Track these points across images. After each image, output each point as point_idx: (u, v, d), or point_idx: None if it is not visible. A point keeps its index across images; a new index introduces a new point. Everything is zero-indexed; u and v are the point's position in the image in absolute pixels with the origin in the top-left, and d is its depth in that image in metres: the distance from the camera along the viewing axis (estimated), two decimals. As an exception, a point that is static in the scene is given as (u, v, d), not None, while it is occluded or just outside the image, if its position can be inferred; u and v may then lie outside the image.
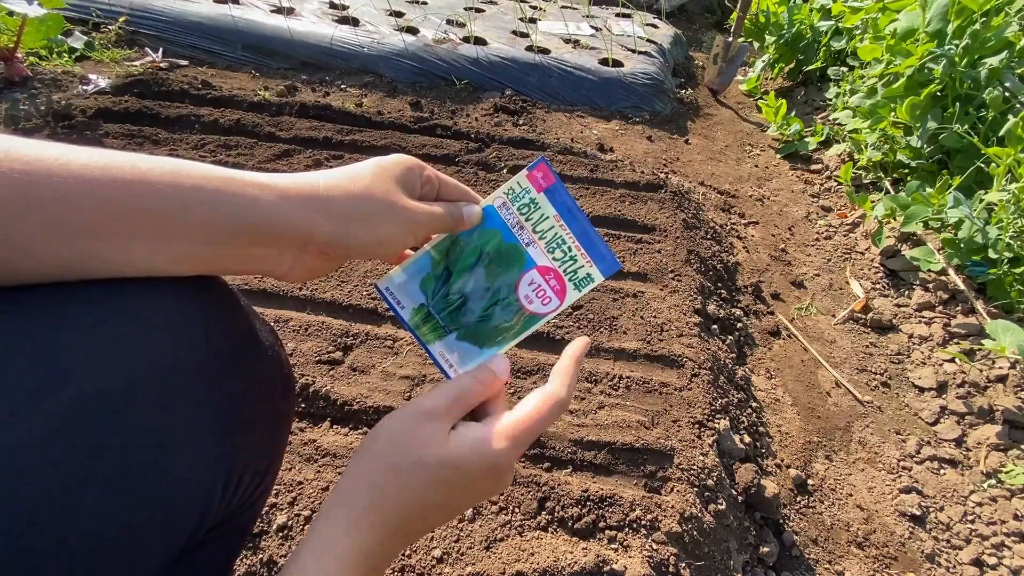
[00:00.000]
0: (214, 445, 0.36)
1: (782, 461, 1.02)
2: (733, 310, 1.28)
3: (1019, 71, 1.52)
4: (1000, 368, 1.17)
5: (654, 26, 2.66)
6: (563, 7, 2.76)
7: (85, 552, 0.30)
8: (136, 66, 1.87)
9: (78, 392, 0.30)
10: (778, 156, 2.02)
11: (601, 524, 0.80)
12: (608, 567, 0.74)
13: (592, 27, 2.47)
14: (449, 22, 2.33)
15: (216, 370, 0.37)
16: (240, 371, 0.39)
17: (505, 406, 0.43)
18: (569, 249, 0.47)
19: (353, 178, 0.41)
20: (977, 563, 0.91)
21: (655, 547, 0.77)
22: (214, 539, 0.41)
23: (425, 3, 2.53)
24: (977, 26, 1.49)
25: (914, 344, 1.28)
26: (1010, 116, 1.39)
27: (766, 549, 0.87)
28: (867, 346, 1.29)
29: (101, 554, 0.31)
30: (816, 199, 1.78)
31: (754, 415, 1.06)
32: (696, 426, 0.93)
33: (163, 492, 0.33)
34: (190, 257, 0.35)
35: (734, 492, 0.90)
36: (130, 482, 0.32)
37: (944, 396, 1.16)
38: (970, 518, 0.97)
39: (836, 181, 1.82)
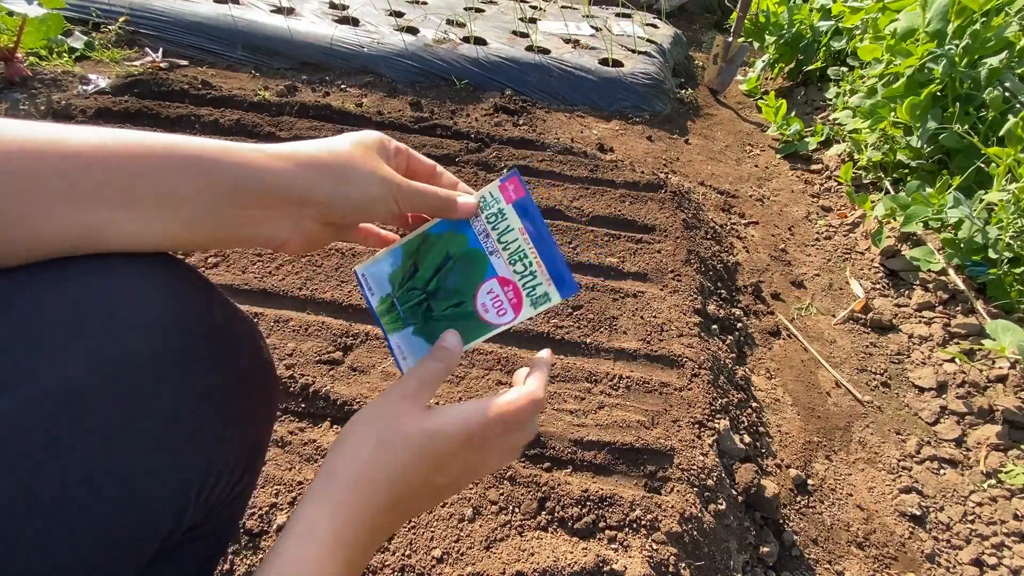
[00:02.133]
0: (189, 442, 0.35)
1: (782, 461, 1.02)
2: (733, 310, 1.28)
3: (1019, 71, 1.52)
4: (1000, 368, 1.17)
5: (654, 26, 2.66)
6: (563, 7, 2.76)
7: (48, 556, 0.29)
8: (136, 66, 1.87)
9: (40, 389, 0.29)
10: (778, 156, 2.02)
11: (601, 524, 0.80)
12: (608, 567, 0.74)
13: (592, 27, 2.47)
14: (449, 22, 2.33)
15: (191, 364, 0.36)
16: (216, 365, 0.38)
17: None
18: (530, 264, 0.47)
19: (336, 146, 0.42)
20: (977, 563, 0.91)
21: (655, 547, 0.77)
22: (194, 539, 0.40)
23: (425, 3, 2.53)
24: (977, 26, 1.49)
25: (914, 344, 1.28)
26: (1010, 116, 1.39)
27: (766, 549, 0.87)
28: (867, 346, 1.29)
29: (67, 558, 0.30)
30: (816, 199, 1.78)
31: (754, 415, 1.06)
32: (696, 426, 0.93)
33: (136, 492, 0.32)
34: (192, 224, 0.35)
35: (734, 492, 0.90)
36: (97, 483, 0.30)
37: (944, 396, 1.16)
38: (970, 518, 0.97)
39: (836, 181, 1.82)
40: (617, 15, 2.74)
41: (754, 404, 1.09)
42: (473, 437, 0.40)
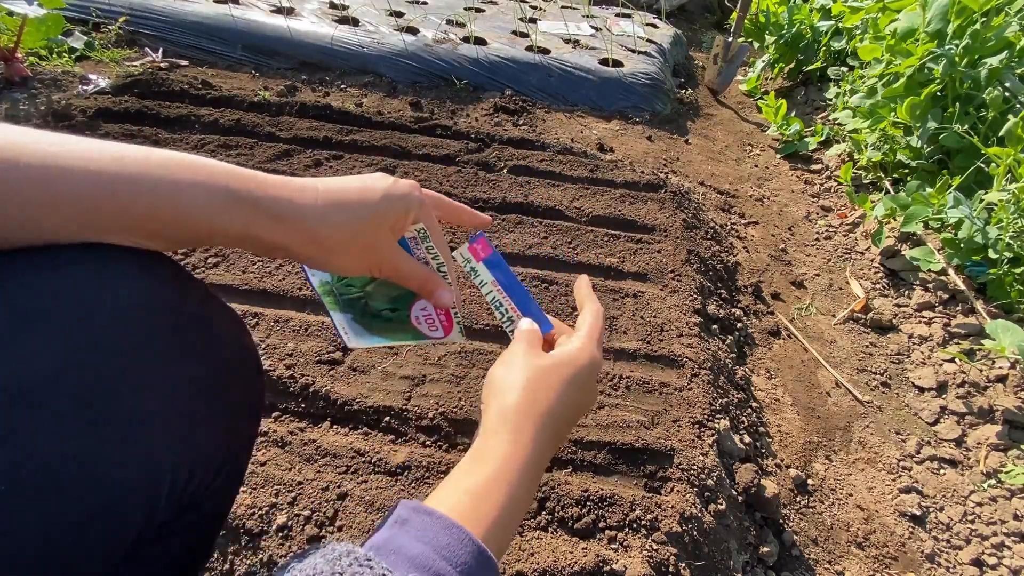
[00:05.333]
0: (158, 434, 0.34)
1: (782, 461, 1.02)
2: (733, 310, 1.28)
3: (1019, 71, 1.52)
4: (1000, 368, 1.17)
5: (654, 26, 2.66)
6: (563, 7, 2.76)
7: (12, 553, 0.28)
8: (136, 66, 1.87)
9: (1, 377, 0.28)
10: (778, 156, 2.02)
11: (601, 524, 0.80)
12: (608, 567, 0.74)
13: (592, 27, 2.47)
14: (449, 22, 2.33)
15: (159, 353, 0.35)
16: (188, 356, 0.37)
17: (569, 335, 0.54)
18: (507, 311, 0.56)
19: (348, 217, 0.42)
20: (977, 563, 0.91)
21: (655, 547, 0.77)
22: (170, 535, 0.39)
23: (425, 3, 2.53)
24: (977, 26, 1.49)
25: (914, 344, 1.28)
26: (1010, 116, 1.39)
27: (766, 549, 0.87)
28: (867, 346, 1.29)
29: (25, 551, 0.29)
30: (816, 199, 1.78)
31: (754, 415, 1.06)
32: (696, 426, 0.93)
33: (99, 485, 0.31)
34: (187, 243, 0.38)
35: (734, 492, 0.90)
36: (64, 475, 0.30)
37: (944, 396, 1.16)
38: (970, 518, 0.97)
39: (836, 181, 1.82)
40: (617, 15, 2.74)
41: (754, 404, 1.09)
42: (595, 361, 0.50)
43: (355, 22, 2.21)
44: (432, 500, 0.41)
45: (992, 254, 1.27)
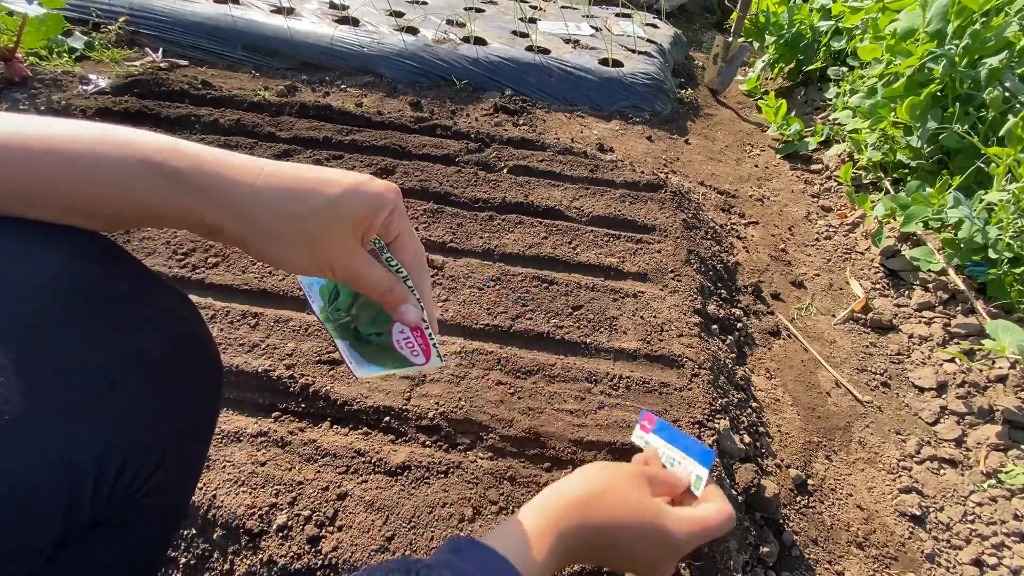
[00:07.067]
0: (80, 423, 0.31)
1: (782, 461, 1.02)
2: (733, 310, 1.28)
3: (1019, 71, 1.52)
4: (1000, 368, 1.17)
5: (654, 26, 2.66)
6: (563, 7, 2.75)
7: None
8: (136, 66, 1.87)
9: None
10: (778, 156, 2.02)
11: (601, 524, 0.80)
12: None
13: (592, 27, 2.47)
14: (449, 22, 2.33)
15: (84, 333, 0.32)
16: (116, 336, 0.34)
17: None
18: (681, 460, 0.64)
19: (306, 212, 0.38)
20: (977, 563, 0.91)
21: (655, 547, 0.77)
22: (107, 536, 0.36)
23: (425, 3, 2.53)
24: (977, 26, 1.49)
25: (914, 344, 1.28)
26: (1010, 116, 1.39)
27: (766, 549, 0.87)
28: (867, 346, 1.29)
29: None
30: (816, 199, 1.78)
31: (754, 415, 1.06)
32: (696, 426, 0.93)
33: (5, 483, 0.28)
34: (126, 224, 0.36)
35: (734, 492, 0.90)
36: None
37: (944, 396, 1.16)
38: (970, 518, 0.97)
39: (836, 181, 1.82)
40: (617, 15, 2.74)
41: (754, 404, 1.09)
42: (678, 549, 0.53)
43: (355, 22, 2.22)
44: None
45: (992, 254, 1.27)
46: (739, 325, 1.24)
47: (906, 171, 1.69)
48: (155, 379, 0.37)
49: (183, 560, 0.74)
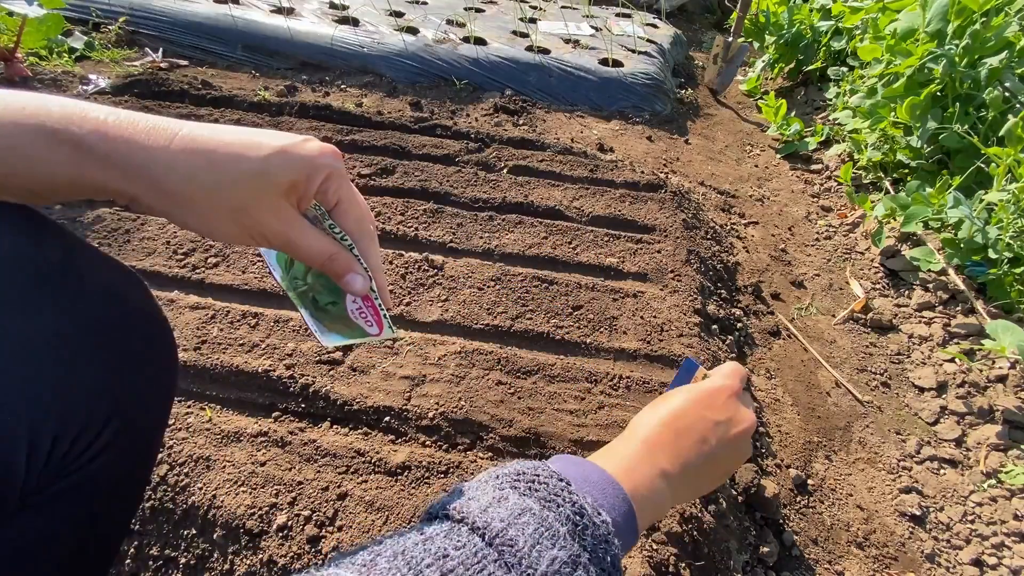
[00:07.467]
0: (9, 390, 0.31)
1: (782, 461, 1.02)
2: (733, 310, 1.28)
3: (1019, 71, 1.52)
4: (1000, 368, 1.17)
5: (654, 26, 2.66)
6: (563, 7, 2.76)
7: None
8: (136, 66, 1.87)
9: None
10: (778, 156, 2.02)
11: (601, 524, 0.79)
12: (608, 567, 0.74)
13: (592, 27, 2.47)
14: (449, 22, 2.33)
15: (11, 304, 0.32)
16: (46, 306, 0.34)
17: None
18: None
19: (233, 177, 0.36)
20: (977, 563, 0.91)
21: (655, 547, 0.77)
22: (52, 500, 0.36)
23: (425, 3, 2.53)
24: (977, 26, 1.49)
25: (914, 344, 1.28)
26: (1010, 116, 1.39)
27: (766, 549, 0.87)
28: (867, 346, 1.29)
29: None
30: (816, 199, 1.78)
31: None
32: (696, 426, 0.93)
33: None
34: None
35: (734, 492, 0.90)
36: None
37: (944, 396, 1.16)
38: (970, 518, 0.97)
39: (836, 181, 1.82)
40: (617, 15, 2.74)
41: (754, 404, 1.09)
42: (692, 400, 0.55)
43: (355, 22, 2.22)
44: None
45: (992, 254, 1.27)
46: (739, 325, 1.24)
47: (906, 171, 1.69)
48: (91, 347, 0.36)
49: (183, 560, 0.74)
